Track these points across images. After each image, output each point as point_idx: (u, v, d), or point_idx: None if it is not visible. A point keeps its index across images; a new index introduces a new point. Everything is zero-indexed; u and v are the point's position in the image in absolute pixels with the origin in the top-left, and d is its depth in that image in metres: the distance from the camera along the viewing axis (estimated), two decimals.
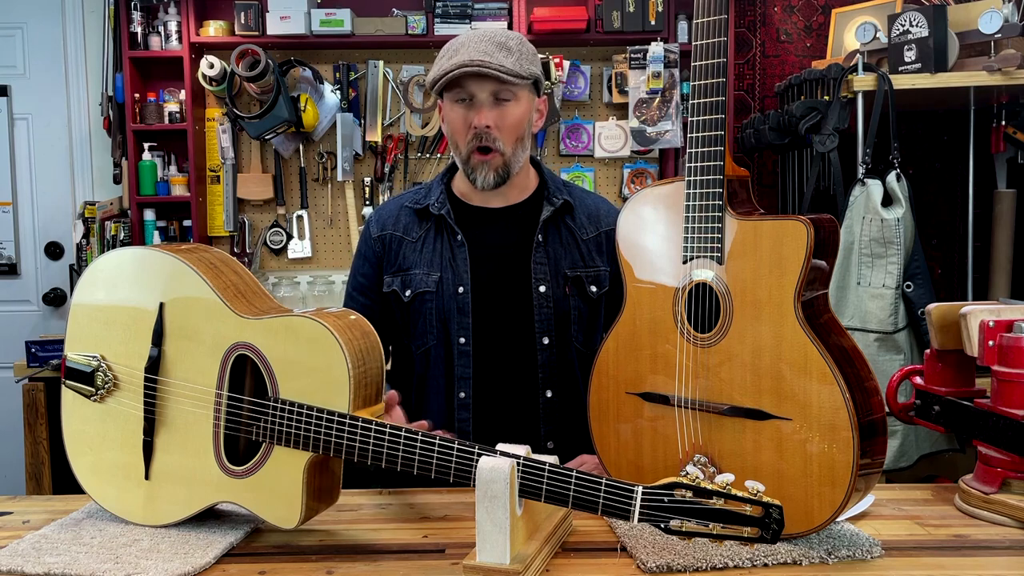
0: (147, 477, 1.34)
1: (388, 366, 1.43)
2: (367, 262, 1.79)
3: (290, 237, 3.89)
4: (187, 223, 3.83)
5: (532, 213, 1.74)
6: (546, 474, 1.15)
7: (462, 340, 1.68)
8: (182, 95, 3.74)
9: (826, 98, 2.87)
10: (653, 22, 3.61)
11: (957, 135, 3.39)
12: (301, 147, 3.85)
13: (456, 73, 1.59)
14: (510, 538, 1.10)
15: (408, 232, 1.76)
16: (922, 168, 3.71)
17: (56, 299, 4.00)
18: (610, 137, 3.80)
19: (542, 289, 1.69)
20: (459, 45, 1.63)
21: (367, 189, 3.85)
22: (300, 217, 3.88)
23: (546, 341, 1.69)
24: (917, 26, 2.76)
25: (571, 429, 1.70)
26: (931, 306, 1.46)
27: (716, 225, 1.28)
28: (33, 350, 3.32)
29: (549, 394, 1.69)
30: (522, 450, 1.18)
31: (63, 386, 1.40)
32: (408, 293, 1.72)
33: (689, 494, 1.08)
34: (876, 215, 2.59)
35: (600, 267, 1.73)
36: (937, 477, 2.62)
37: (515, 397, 1.70)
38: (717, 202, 1.28)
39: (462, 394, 1.69)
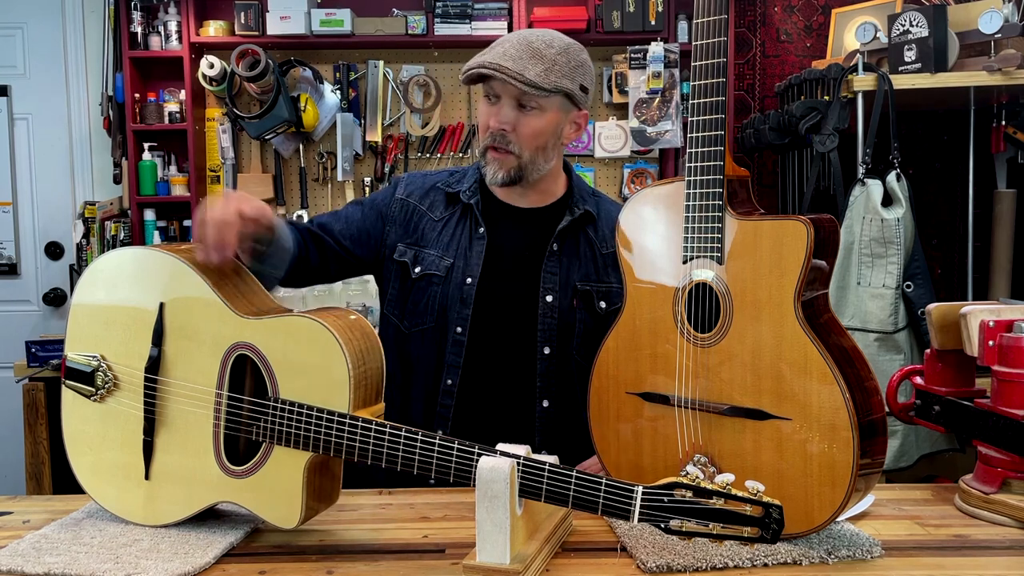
0: (147, 477, 1.34)
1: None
2: (375, 211, 1.77)
3: None
4: (187, 223, 3.83)
5: (553, 220, 1.71)
6: (546, 474, 1.15)
7: (458, 330, 1.67)
8: (182, 95, 3.74)
9: (826, 98, 2.87)
10: (653, 22, 3.61)
11: (957, 135, 3.39)
12: (301, 147, 3.85)
13: (474, 72, 1.59)
14: (510, 538, 1.10)
15: (432, 209, 1.74)
16: (922, 168, 3.72)
17: (56, 299, 4.00)
18: (610, 137, 3.80)
19: (548, 299, 1.67)
20: (498, 42, 1.62)
21: (367, 189, 3.85)
22: (300, 217, 3.88)
23: (547, 351, 1.67)
24: (917, 26, 2.76)
25: (567, 440, 1.67)
26: (931, 306, 1.46)
27: (716, 225, 1.28)
28: (33, 350, 3.32)
29: (546, 404, 1.67)
30: (522, 450, 1.18)
31: (63, 386, 1.40)
32: (417, 270, 1.70)
33: (689, 494, 1.08)
34: (876, 215, 2.59)
35: (613, 284, 1.69)
36: (937, 477, 2.62)
37: (509, 401, 1.69)
38: (717, 202, 1.28)
39: (448, 381, 1.67)
